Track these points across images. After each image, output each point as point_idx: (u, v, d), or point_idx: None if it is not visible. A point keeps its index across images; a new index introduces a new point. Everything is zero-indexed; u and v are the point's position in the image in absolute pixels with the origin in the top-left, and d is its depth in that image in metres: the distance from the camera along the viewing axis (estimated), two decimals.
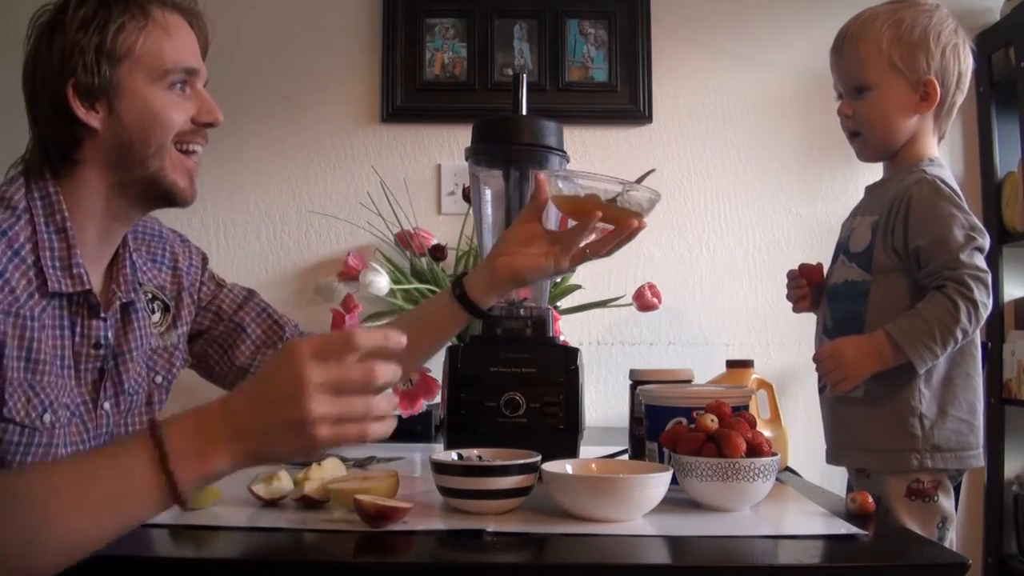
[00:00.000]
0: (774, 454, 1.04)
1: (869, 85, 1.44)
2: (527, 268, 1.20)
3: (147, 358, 1.17)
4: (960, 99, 1.48)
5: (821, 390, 1.52)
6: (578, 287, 2.14)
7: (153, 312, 1.20)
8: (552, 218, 1.26)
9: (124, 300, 1.12)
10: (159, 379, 1.20)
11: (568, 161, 1.31)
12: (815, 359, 1.43)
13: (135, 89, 1.06)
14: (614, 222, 1.14)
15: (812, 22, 2.24)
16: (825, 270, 1.58)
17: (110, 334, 1.10)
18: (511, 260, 1.20)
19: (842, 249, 1.51)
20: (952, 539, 1.40)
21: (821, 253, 1.65)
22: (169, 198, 1.12)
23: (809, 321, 1.67)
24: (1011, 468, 2.14)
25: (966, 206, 1.39)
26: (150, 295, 1.20)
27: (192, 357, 1.30)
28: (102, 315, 1.08)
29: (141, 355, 1.16)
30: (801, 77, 2.26)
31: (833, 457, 1.52)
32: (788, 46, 2.29)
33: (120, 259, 1.14)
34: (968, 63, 1.47)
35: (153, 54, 1.07)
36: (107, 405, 1.10)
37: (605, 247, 1.17)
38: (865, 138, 1.48)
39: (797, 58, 2.27)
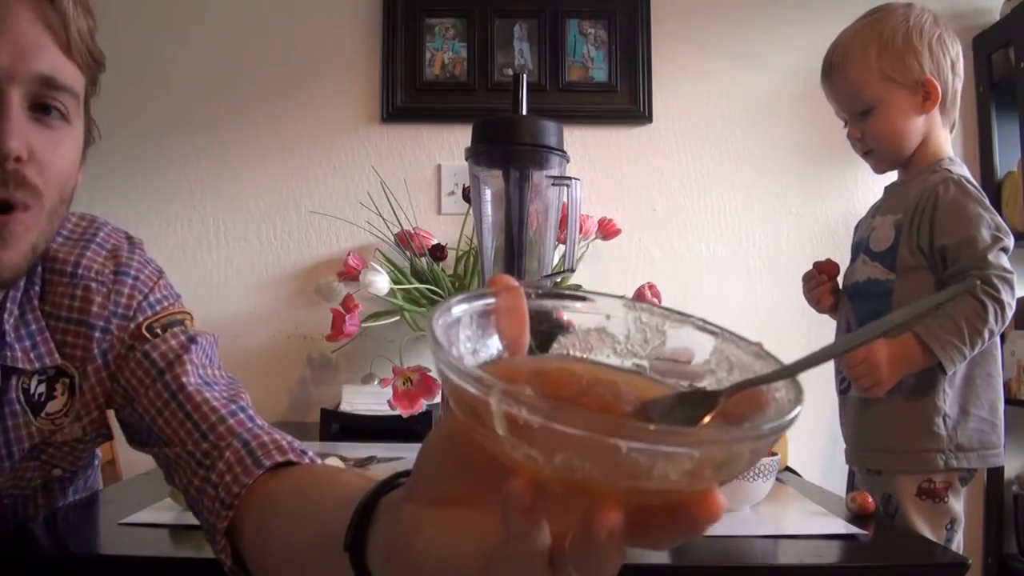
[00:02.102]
0: (774, 454, 1.03)
1: (871, 105, 1.45)
2: (434, 561, 0.43)
3: (37, 453, 0.88)
4: (960, 85, 1.48)
5: (844, 391, 1.52)
6: (578, 287, 2.14)
7: (52, 396, 0.86)
8: None
9: None
10: (58, 472, 0.92)
11: (568, 161, 1.31)
12: (846, 363, 1.42)
13: None
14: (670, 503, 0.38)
15: (812, 22, 2.24)
16: (842, 271, 1.59)
17: None
18: (411, 531, 0.45)
19: (862, 248, 1.51)
20: (960, 542, 1.40)
21: (821, 253, 1.65)
22: None
23: (809, 320, 1.67)
24: (1011, 468, 2.14)
25: (990, 206, 1.39)
26: (49, 373, 0.86)
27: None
28: None
29: (21, 455, 0.86)
30: (801, 77, 2.26)
31: (853, 458, 1.52)
32: (788, 46, 2.30)
33: None
34: (957, 48, 1.47)
35: None
36: None
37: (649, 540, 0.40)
38: (879, 153, 1.49)
39: (797, 58, 2.27)
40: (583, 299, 0.47)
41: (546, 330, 0.46)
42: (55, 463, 0.90)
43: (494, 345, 0.43)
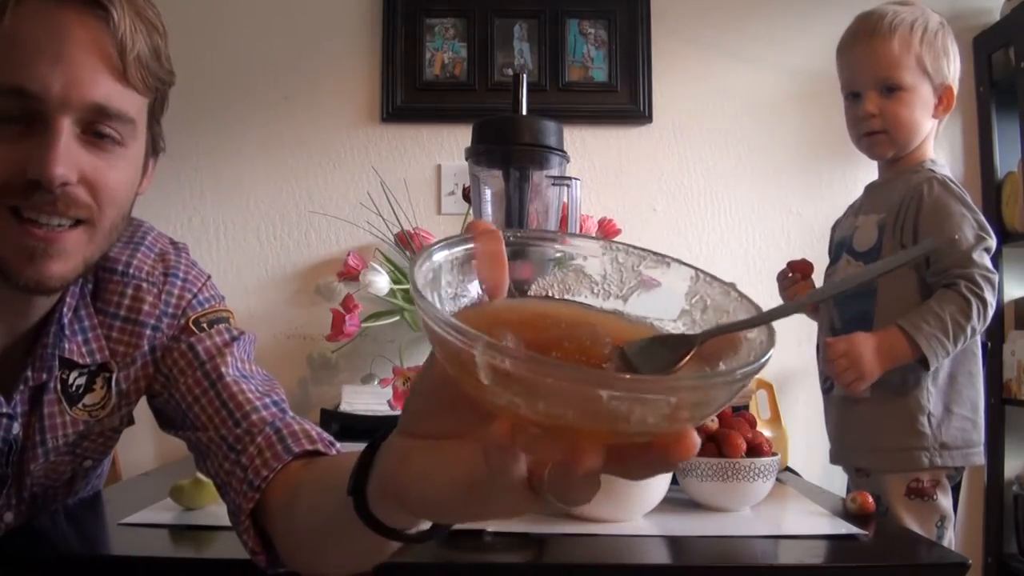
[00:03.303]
0: (774, 454, 1.03)
1: (903, 85, 1.43)
2: (421, 487, 0.48)
3: (72, 447, 0.91)
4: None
5: (827, 390, 1.52)
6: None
7: (91, 389, 0.89)
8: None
9: (34, 383, 0.85)
10: (88, 463, 0.95)
11: (568, 161, 1.31)
12: (827, 359, 1.41)
13: None
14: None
15: (812, 22, 2.24)
16: (823, 270, 1.59)
17: (15, 430, 0.85)
18: (401, 463, 0.50)
19: (845, 248, 1.51)
20: (951, 538, 1.41)
21: (822, 253, 1.65)
22: (6, 280, 0.76)
23: (809, 320, 1.67)
24: (1011, 468, 2.14)
25: (974, 205, 1.40)
26: (92, 368, 0.89)
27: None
28: (4, 410, 0.83)
29: (60, 450, 0.89)
30: (801, 77, 2.26)
31: (838, 457, 1.52)
32: (788, 46, 2.29)
33: (47, 326, 0.86)
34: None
35: None
36: (9, 516, 0.90)
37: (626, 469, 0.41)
38: (890, 137, 1.45)
39: (797, 58, 2.27)
40: (560, 241, 0.48)
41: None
42: (88, 455, 0.93)
43: (475, 289, 0.44)
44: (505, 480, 0.41)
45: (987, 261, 1.36)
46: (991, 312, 1.34)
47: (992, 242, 1.37)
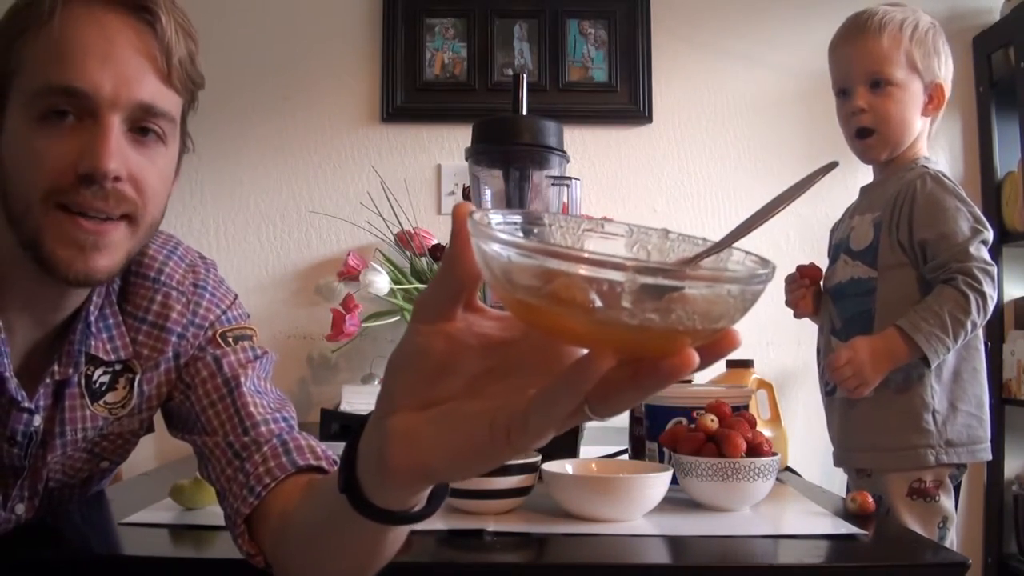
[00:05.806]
0: (774, 454, 1.03)
1: (892, 81, 1.43)
2: (443, 454, 0.47)
3: (90, 446, 0.93)
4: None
5: (829, 392, 1.51)
6: None
7: (113, 388, 0.91)
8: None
9: (59, 378, 0.88)
10: (105, 464, 0.97)
11: (568, 161, 1.31)
12: (830, 367, 1.41)
13: (12, 119, 0.78)
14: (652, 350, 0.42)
15: (812, 22, 2.24)
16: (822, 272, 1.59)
17: (36, 423, 0.87)
18: (409, 439, 0.48)
19: (842, 248, 1.51)
20: (953, 539, 1.41)
21: (821, 253, 1.65)
22: (53, 274, 0.79)
23: (809, 322, 1.67)
24: (1011, 468, 2.14)
25: (969, 199, 1.40)
26: (116, 368, 0.91)
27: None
28: (25, 404, 0.85)
29: (78, 444, 0.91)
30: (801, 77, 2.26)
31: (841, 460, 1.51)
32: (788, 46, 2.30)
33: (74, 323, 0.88)
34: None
35: (35, 66, 0.77)
36: (20, 508, 0.91)
37: (619, 398, 0.42)
38: (882, 136, 1.46)
39: (797, 58, 2.27)
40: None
41: None
42: (106, 456, 0.96)
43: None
44: (576, 399, 0.41)
45: (984, 254, 1.35)
46: (991, 305, 1.34)
47: (989, 234, 1.37)
